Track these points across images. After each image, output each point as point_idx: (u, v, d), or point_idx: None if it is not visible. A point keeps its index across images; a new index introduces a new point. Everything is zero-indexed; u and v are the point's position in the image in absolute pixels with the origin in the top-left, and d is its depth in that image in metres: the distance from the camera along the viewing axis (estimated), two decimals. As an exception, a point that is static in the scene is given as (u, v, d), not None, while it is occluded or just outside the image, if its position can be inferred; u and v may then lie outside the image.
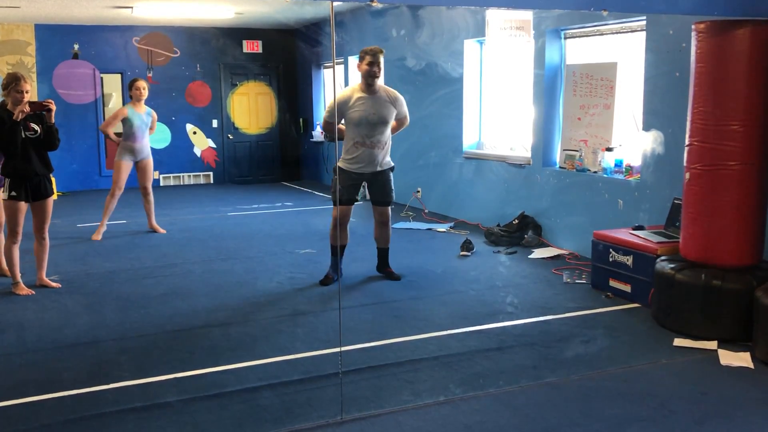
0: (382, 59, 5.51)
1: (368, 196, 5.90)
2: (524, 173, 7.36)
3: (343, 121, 5.66)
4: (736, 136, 4.32)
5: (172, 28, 12.04)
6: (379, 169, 5.66)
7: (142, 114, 7.63)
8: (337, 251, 5.69)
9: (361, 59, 5.53)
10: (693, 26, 4.49)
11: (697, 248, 4.55)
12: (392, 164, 5.79)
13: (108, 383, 3.86)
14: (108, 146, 11.85)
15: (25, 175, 5.40)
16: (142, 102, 7.65)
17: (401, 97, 5.74)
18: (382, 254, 5.97)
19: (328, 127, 5.73)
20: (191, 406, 3.59)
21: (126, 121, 7.59)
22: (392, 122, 5.67)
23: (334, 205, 5.68)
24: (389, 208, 5.85)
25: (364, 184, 5.88)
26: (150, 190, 7.92)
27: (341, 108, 5.54)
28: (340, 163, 5.63)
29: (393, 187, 5.82)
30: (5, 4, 8.91)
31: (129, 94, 7.70)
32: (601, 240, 5.45)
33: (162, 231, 7.82)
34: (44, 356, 4.32)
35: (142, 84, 7.61)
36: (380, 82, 5.59)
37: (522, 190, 7.40)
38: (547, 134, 7.06)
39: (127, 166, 7.70)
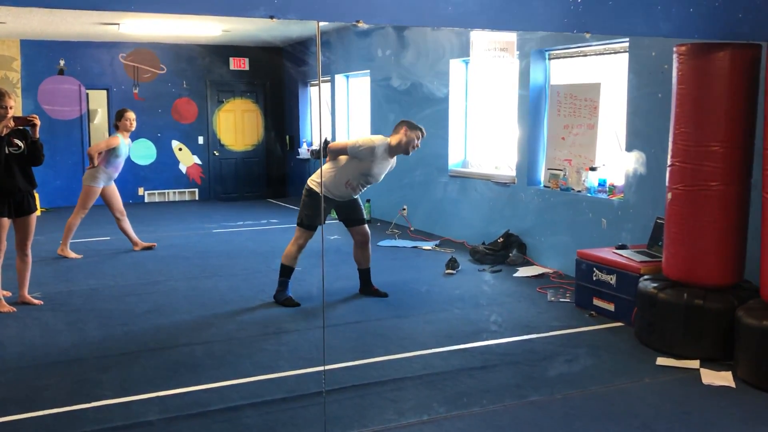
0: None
1: (338, 218, 5.91)
2: (509, 192, 7.41)
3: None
4: (717, 157, 4.37)
5: (159, 44, 12.06)
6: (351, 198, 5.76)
7: (127, 146, 7.59)
8: (288, 272, 5.67)
9: (411, 131, 5.48)
10: (674, 48, 4.56)
11: (680, 267, 4.58)
12: None
13: (89, 402, 3.82)
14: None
15: (8, 190, 5.36)
16: (128, 133, 7.59)
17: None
18: (366, 275, 5.94)
19: (339, 152, 5.57)
20: (173, 425, 3.56)
21: (114, 151, 7.51)
22: None
23: (301, 227, 5.61)
24: (367, 226, 5.87)
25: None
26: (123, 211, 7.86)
27: (366, 152, 5.43)
28: (315, 186, 5.57)
29: (363, 209, 5.92)
30: (-9, 19, 8.90)
31: (116, 123, 7.57)
32: (585, 259, 5.49)
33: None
34: (25, 374, 4.27)
35: (133, 116, 7.57)
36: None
37: (507, 208, 7.43)
38: (532, 154, 7.11)
39: (98, 192, 7.59)
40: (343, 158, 5.55)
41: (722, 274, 4.50)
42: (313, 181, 5.62)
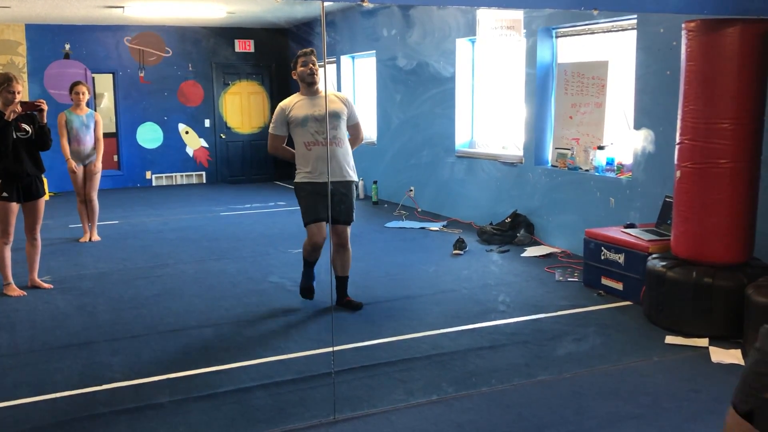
0: (315, 59, 5.08)
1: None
2: (516, 172, 7.38)
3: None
4: (726, 134, 4.33)
5: (164, 27, 12.01)
6: (341, 179, 4.95)
7: (83, 116, 7.46)
8: (306, 263, 5.20)
9: (294, 65, 5.10)
10: (683, 25, 4.51)
11: (688, 246, 4.56)
12: (356, 178, 5.12)
13: (100, 384, 3.85)
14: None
15: (16, 175, 5.38)
16: (83, 105, 7.46)
17: (350, 100, 5.26)
18: (341, 283, 5.18)
19: (276, 143, 5.09)
20: (184, 407, 3.59)
21: (66, 125, 7.43)
22: (344, 119, 5.04)
23: (306, 224, 5.00)
24: (348, 228, 5.09)
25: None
26: (94, 198, 7.58)
27: (284, 116, 5.01)
28: (298, 178, 5.01)
29: (354, 206, 5.09)
30: (-5, 4, 8.88)
31: (70, 97, 7.51)
32: (593, 238, 5.47)
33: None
34: (36, 358, 4.31)
35: (82, 89, 7.43)
36: (321, 86, 5.12)
37: (514, 188, 7.41)
38: (539, 133, 7.07)
39: (80, 170, 7.52)
40: (287, 138, 5.11)
41: (731, 252, 4.48)
42: (296, 173, 5.05)
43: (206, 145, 12.67)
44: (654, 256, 4.87)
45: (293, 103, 5.07)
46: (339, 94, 5.29)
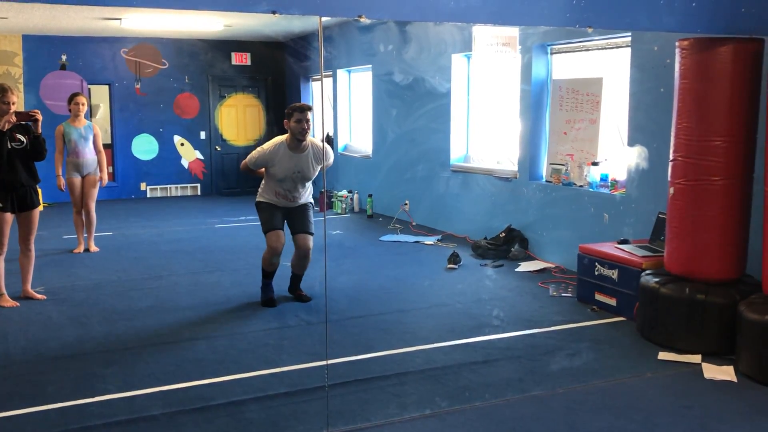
0: (311, 116, 5.39)
1: (288, 229, 5.67)
2: (511, 187, 7.40)
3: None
4: (719, 151, 4.37)
5: (161, 39, 12.05)
6: (300, 204, 5.60)
7: (81, 128, 7.46)
8: (270, 276, 5.63)
9: (289, 116, 5.36)
10: (677, 43, 4.55)
11: (682, 262, 4.59)
12: (311, 200, 5.74)
13: (93, 396, 3.84)
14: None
15: (11, 185, 5.38)
16: (81, 117, 7.47)
17: (330, 150, 5.74)
18: (296, 279, 5.76)
19: (247, 171, 5.63)
20: (177, 420, 3.58)
21: (64, 138, 7.43)
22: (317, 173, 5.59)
23: (266, 232, 5.50)
24: (311, 238, 5.58)
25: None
26: (92, 208, 7.59)
27: (267, 159, 5.42)
28: (261, 198, 5.58)
29: (312, 220, 5.65)
30: (-7, 14, 8.90)
31: (68, 108, 7.51)
32: (587, 254, 5.49)
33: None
34: (29, 369, 4.29)
35: (81, 100, 7.45)
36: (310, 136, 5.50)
37: (509, 203, 7.44)
38: (534, 148, 7.11)
39: (78, 181, 7.51)
40: (264, 170, 5.58)
41: (724, 269, 4.50)
42: (259, 195, 5.63)
43: (201, 157, 12.68)
44: (647, 272, 4.89)
45: (278, 156, 5.41)
46: (321, 148, 5.54)
